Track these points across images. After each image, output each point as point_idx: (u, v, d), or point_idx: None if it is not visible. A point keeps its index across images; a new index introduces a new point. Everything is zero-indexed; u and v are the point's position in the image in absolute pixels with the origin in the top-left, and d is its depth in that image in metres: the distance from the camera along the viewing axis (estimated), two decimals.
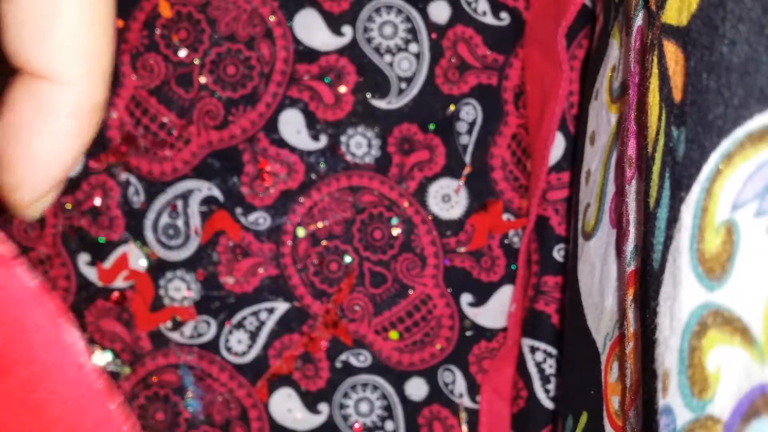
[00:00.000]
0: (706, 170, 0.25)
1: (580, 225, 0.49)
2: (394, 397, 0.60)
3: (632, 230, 0.37)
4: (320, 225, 0.60)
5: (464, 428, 0.61)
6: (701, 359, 0.24)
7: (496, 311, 0.61)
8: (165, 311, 0.60)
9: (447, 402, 0.61)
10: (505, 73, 0.61)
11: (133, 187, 0.59)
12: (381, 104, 0.60)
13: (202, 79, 0.59)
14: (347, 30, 0.60)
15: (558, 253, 0.59)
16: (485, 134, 0.61)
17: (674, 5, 0.28)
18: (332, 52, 0.60)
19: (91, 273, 0.60)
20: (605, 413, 0.42)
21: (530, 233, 0.59)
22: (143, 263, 0.60)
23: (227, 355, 0.60)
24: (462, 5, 0.60)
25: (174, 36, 0.59)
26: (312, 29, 0.60)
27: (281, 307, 0.60)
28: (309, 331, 0.60)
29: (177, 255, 0.60)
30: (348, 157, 0.60)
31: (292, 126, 0.60)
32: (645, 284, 0.29)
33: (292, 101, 0.60)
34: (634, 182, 0.38)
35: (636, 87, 0.38)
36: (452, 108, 0.61)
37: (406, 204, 0.60)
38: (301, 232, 0.60)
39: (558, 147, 0.59)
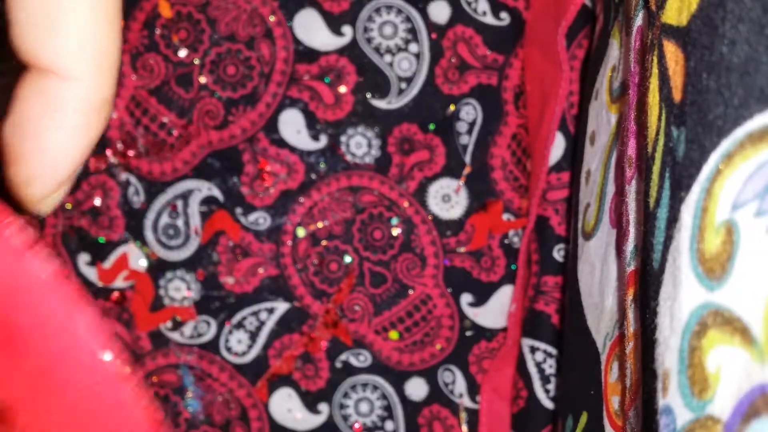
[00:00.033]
0: (706, 170, 0.25)
1: (580, 225, 0.49)
2: (394, 397, 0.60)
3: (632, 230, 0.37)
4: (320, 225, 0.60)
5: (464, 428, 0.61)
6: (701, 359, 0.24)
7: (496, 311, 0.61)
8: (165, 311, 0.60)
9: (447, 402, 0.61)
10: (505, 73, 0.61)
11: (133, 187, 0.59)
12: (381, 104, 0.60)
13: (202, 79, 0.59)
14: (347, 30, 0.60)
15: (558, 253, 0.59)
16: (485, 134, 0.61)
17: (674, 5, 0.28)
18: (332, 52, 0.60)
19: (91, 273, 0.60)
20: (605, 413, 0.42)
21: (530, 233, 0.59)
22: (143, 263, 0.60)
23: (227, 355, 0.60)
24: (462, 5, 0.60)
25: (174, 36, 0.59)
26: (312, 29, 0.60)
27: (281, 307, 0.60)
28: (309, 331, 0.60)
29: (177, 255, 0.60)
30: (348, 157, 0.60)
31: (292, 126, 0.60)
32: (645, 284, 0.29)
33: (292, 101, 0.60)
34: (634, 182, 0.38)
35: (636, 87, 0.38)
36: (452, 108, 0.61)
37: (406, 204, 0.60)
38: (301, 232, 0.60)
39: (558, 147, 0.59)
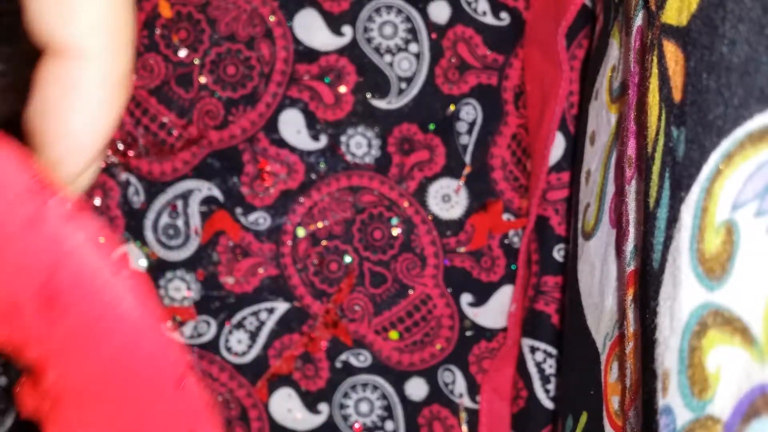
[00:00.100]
0: (706, 170, 0.25)
1: (580, 225, 0.49)
2: (394, 397, 0.60)
3: (632, 230, 0.37)
4: (320, 225, 0.60)
5: (464, 428, 0.61)
6: (701, 359, 0.24)
7: (496, 311, 0.61)
8: (165, 311, 0.60)
9: (447, 402, 0.61)
10: (505, 73, 0.61)
11: (133, 187, 0.59)
12: (381, 104, 0.60)
13: (202, 79, 0.59)
14: (347, 30, 0.60)
15: (558, 253, 0.59)
16: (485, 134, 0.61)
17: (674, 5, 0.28)
18: (332, 52, 0.60)
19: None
20: (605, 413, 0.42)
21: (530, 233, 0.59)
22: (143, 263, 0.60)
23: (227, 355, 0.60)
24: (462, 5, 0.60)
25: (174, 36, 0.59)
26: (312, 29, 0.60)
27: (281, 307, 0.60)
28: (309, 331, 0.60)
29: (177, 255, 0.60)
30: (348, 157, 0.60)
31: (292, 126, 0.60)
32: (645, 284, 0.29)
33: (292, 101, 0.60)
34: (634, 182, 0.38)
35: (636, 87, 0.38)
36: (452, 108, 0.61)
37: (406, 204, 0.60)
38: (301, 232, 0.60)
39: (558, 147, 0.59)
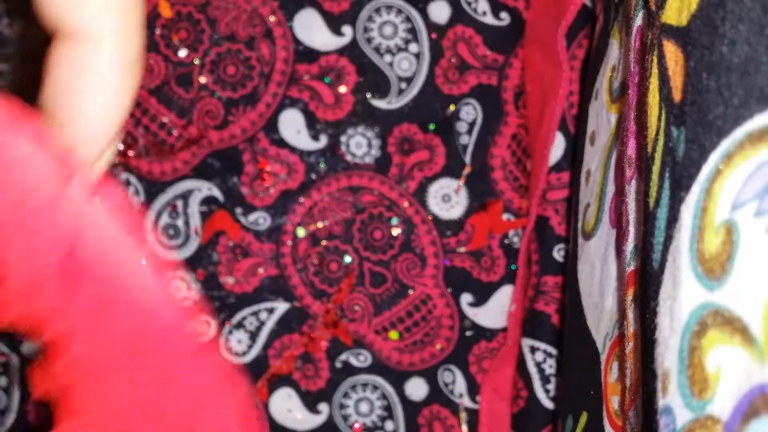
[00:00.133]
0: (706, 170, 0.25)
1: (580, 225, 0.49)
2: (394, 397, 0.60)
3: (632, 230, 0.37)
4: (320, 225, 0.60)
5: (464, 428, 0.61)
6: (701, 359, 0.24)
7: (496, 311, 0.61)
8: None
9: (447, 402, 0.61)
10: (505, 73, 0.61)
11: (133, 187, 0.59)
12: (381, 104, 0.60)
13: (202, 79, 0.59)
14: (347, 30, 0.60)
15: (558, 253, 0.59)
16: (485, 134, 0.61)
17: (674, 5, 0.28)
18: (332, 52, 0.60)
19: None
20: (605, 413, 0.42)
21: (530, 233, 0.59)
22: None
23: (227, 355, 0.60)
24: (462, 5, 0.60)
25: (174, 36, 0.59)
26: (312, 29, 0.60)
27: (281, 307, 0.60)
28: (309, 331, 0.60)
29: (177, 255, 0.60)
30: (348, 157, 0.60)
31: (292, 126, 0.60)
32: (645, 284, 0.29)
33: (292, 101, 0.60)
34: (634, 182, 0.38)
35: (636, 87, 0.38)
36: (452, 108, 0.61)
37: (406, 204, 0.60)
38: (301, 232, 0.60)
39: (558, 147, 0.59)
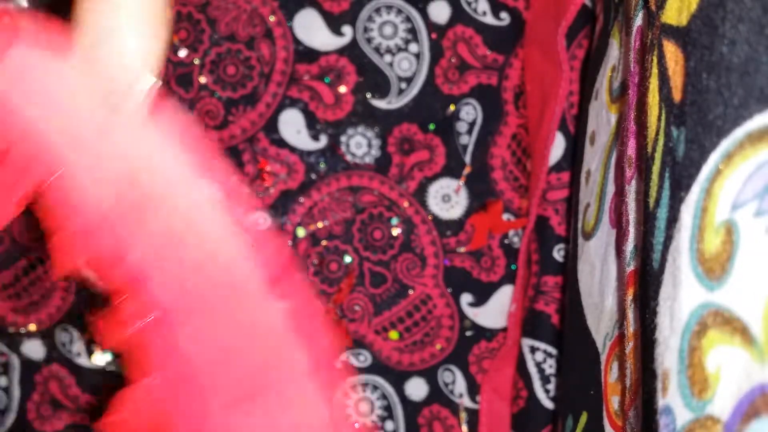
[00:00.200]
0: (706, 170, 0.25)
1: (580, 225, 0.49)
2: (394, 397, 0.60)
3: (632, 230, 0.37)
4: (320, 225, 0.60)
5: (464, 428, 0.61)
6: (701, 359, 0.24)
7: (496, 311, 0.61)
8: None
9: (447, 402, 0.61)
10: (505, 73, 0.61)
11: None
12: (381, 104, 0.60)
13: (202, 79, 0.59)
14: (347, 30, 0.60)
15: (558, 253, 0.59)
16: (485, 134, 0.61)
17: (674, 5, 0.28)
18: (332, 52, 0.60)
19: (91, 273, 0.60)
20: (605, 413, 0.42)
21: (530, 233, 0.59)
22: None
23: None
24: (462, 5, 0.60)
25: (174, 36, 0.59)
26: (312, 29, 0.60)
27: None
28: None
29: None
30: (348, 157, 0.60)
31: (292, 126, 0.60)
32: (645, 284, 0.29)
33: (292, 101, 0.60)
34: (634, 182, 0.38)
35: (636, 87, 0.38)
36: (452, 108, 0.61)
37: (406, 204, 0.60)
38: (301, 232, 0.60)
39: (558, 147, 0.59)
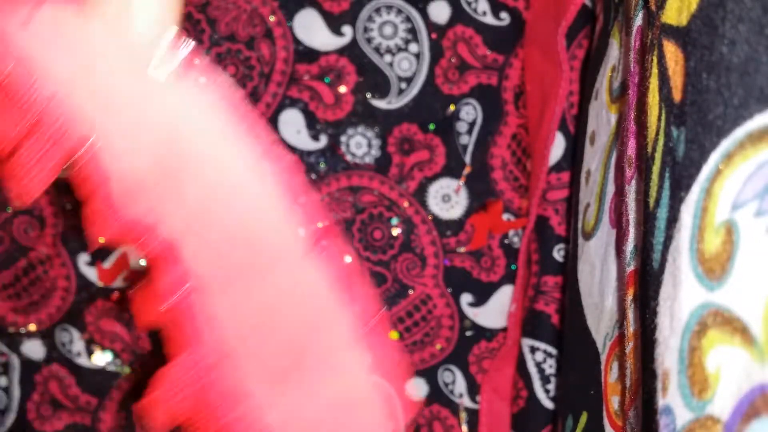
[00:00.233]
0: (706, 170, 0.25)
1: (580, 225, 0.49)
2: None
3: (632, 230, 0.37)
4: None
5: (464, 428, 0.61)
6: (701, 359, 0.24)
7: (496, 311, 0.61)
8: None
9: (447, 402, 0.61)
10: (505, 73, 0.61)
11: None
12: (381, 104, 0.60)
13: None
14: (347, 30, 0.60)
15: (558, 253, 0.59)
16: (485, 134, 0.61)
17: (674, 5, 0.28)
18: (332, 52, 0.60)
19: (92, 273, 0.60)
20: (605, 413, 0.42)
21: (530, 233, 0.59)
22: (143, 263, 0.60)
23: None
24: (462, 5, 0.60)
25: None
26: (312, 29, 0.60)
27: None
28: None
29: None
30: (348, 157, 0.60)
31: (292, 126, 0.60)
32: (645, 284, 0.29)
33: (292, 101, 0.60)
34: (634, 182, 0.38)
35: (636, 87, 0.38)
36: (452, 108, 0.61)
37: (406, 204, 0.60)
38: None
39: (558, 147, 0.59)
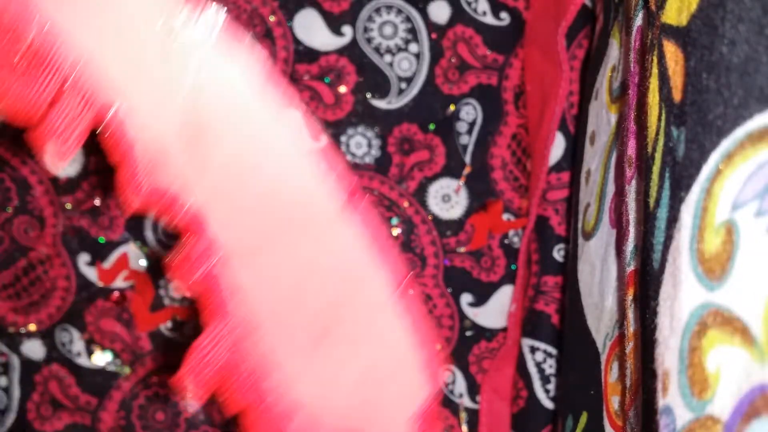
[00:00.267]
0: (706, 170, 0.25)
1: (580, 225, 0.49)
2: None
3: (632, 230, 0.37)
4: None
5: (464, 428, 0.61)
6: (701, 359, 0.24)
7: (496, 311, 0.61)
8: (165, 311, 0.60)
9: (447, 402, 0.61)
10: (505, 73, 0.61)
11: None
12: (381, 104, 0.60)
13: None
14: (347, 30, 0.60)
15: (558, 253, 0.59)
16: (485, 134, 0.61)
17: (674, 5, 0.28)
18: (332, 52, 0.60)
19: (91, 273, 0.60)
20: (605, 413, 0.42)
21: (530, 233, 0.59)
22: (143, 263, 0.60)
23: None
24: (462, 5, 0.60)
25: None
26: (312, 29, 0.60)
27: None
28: None
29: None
30: (348, 157, 0.60)
31: None
32: (645, 284, 0.29)
33: None
34: (634, 182, 0.38)
35: (636, 87, 0.38)
36: (452, 108, 0.61)
37: (406, 204, 0.60)
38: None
39: (558, 147, 0.59)
